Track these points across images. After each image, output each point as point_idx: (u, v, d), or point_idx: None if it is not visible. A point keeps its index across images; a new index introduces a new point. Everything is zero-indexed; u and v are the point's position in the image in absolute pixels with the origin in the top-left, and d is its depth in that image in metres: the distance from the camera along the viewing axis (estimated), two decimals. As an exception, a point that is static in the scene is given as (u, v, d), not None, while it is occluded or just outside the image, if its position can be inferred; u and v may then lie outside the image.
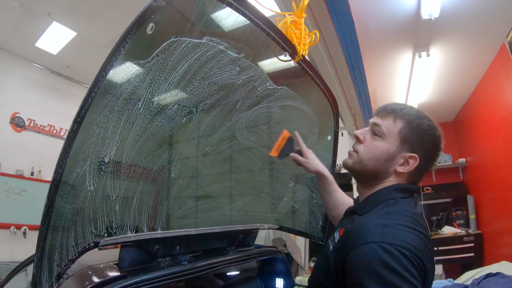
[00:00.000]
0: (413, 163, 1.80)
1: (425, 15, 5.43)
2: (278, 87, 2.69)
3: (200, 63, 2.01)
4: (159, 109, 1.89)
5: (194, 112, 2.12)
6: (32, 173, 9.55)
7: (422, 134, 1.80)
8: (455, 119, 10.74)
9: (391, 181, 1.86)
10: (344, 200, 2.49)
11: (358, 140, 1.97)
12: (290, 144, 2.53)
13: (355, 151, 1.96)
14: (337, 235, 1.82)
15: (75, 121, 1.44)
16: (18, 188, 9.01)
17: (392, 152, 1.82)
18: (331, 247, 1.79)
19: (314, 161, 2.53)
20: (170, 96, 1.95)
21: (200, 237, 2.46)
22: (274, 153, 2.48)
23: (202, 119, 2.20)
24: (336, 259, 1.64)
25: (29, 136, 9.68)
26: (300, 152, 2.55)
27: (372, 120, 1.95)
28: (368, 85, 6.52)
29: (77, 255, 1.61)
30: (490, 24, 5.98)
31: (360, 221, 1.73)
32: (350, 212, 1.99)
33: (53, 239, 1.50)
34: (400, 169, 1.82)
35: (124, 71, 1.62)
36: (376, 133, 1.89)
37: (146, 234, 1.97)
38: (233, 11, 2.05)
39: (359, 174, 1.95)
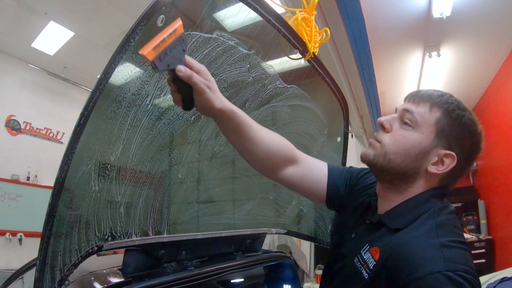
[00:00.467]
0: (450, 163, 1.51)
1: (436, 14, 5.43)
2: (288, 86, 2.67)
3: (210, 59, 2.00)
4: (167, 106, 1.88)
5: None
6: (28, 178, 9.54)
7: (463, 128, 1.52)
8: (476, 107, 10.72)
9: (421, 184, 1.57)
10: (276, 142, 1.86)
11: (383, 128, 1.63)
12: (179, 47, 1.41)
13: (379, 140, 1.62)
14: (368, 257, 1.51)
15: (82, 115, 1.42)
16: (14, 193, 8.99)
17: (426, 146, 1.52)
18: (364, 273, 1.49)
19: (218, 92, 1.54)
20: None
21: (207, 242, 2.43)
22: (149, 51, 1.28)
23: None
24: (376, 284, 1.41)
25: (25, 140, 9.67)
26: (191, 68, 1.44)
27: (402, 106, 1.63)
28: (377, 85, 6.52)
29: (80, 259, 1.59)
30: (502, 24, 5.97)
31: (406, 239, 1.43)
32: (377, 223, 1.61)
33: (55, 242, 1.47)
34: (433, 169, 1.52)
35: (133, 66, 1.61)
36: (406, 121, 1.57)
37: (151, 238, 1.95)
38: (244, 6, 2.03)
39: (383, 170, 1.60)
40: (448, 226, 1.43)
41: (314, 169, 1.96)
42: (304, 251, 9.64)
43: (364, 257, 1.52)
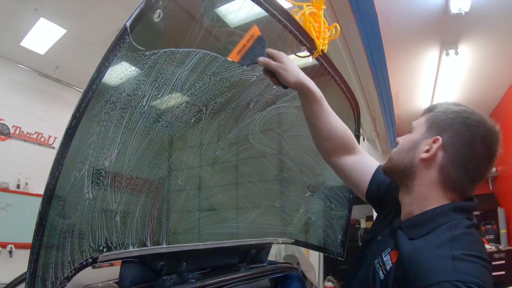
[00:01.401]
0: (436, 147, 1.66)
1: (454, 9, 5.40)
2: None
3: (211, 56, 2.00)
4: (165, 107, 1.88)
5: (204, 111, 2.10)
6: (18, 186, 9.47)
7: (451, 116, 1.69)
8: (492, 114, 10.69)
9: (422, 175, 1.72)
10: (340, 129, 2.21)
11: (397, 144, 1.91)
12: (259, 46, 2.03)
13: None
14: (387, 259, 1.66)
15: (74, 116, 1.42)
16: (3, 202, 8.95)
17: (416, 139, 1.76)
18: (381, 274, 1.66)
19: (293, 68, 2.03)
20: (177, 93, 1.93)
21: (209, 252, 2.41)
22: (234, 56, 1.96)
23: (212, 119, 2.18)
24: None
25: (15, 145, 9.60)
26: (272, 57, 2.04)
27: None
28: (390, 85, 6.50)
29: (73, 272, 1.59)
30: (524, 19, 5.95)
31: (419, 248, 1.55)
32: (397, 227, 1.75)
33: (47, 254, 1.47)
34: (424, 155, 1.69)
35: (128, 64, 1.61)
36: (409, 131, 1.85)
37: (149, 249, 1.95)
38: (248, 0, 2.03)
39: (391, 172, 1.88)
40: (465, 241, 1.51)
41: (365, 164, 2.23)
42: (312, 262, 9.63)
43: (384, 259, 1.67)
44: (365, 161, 2.24)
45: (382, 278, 1.63)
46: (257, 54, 2.01)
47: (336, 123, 2.17)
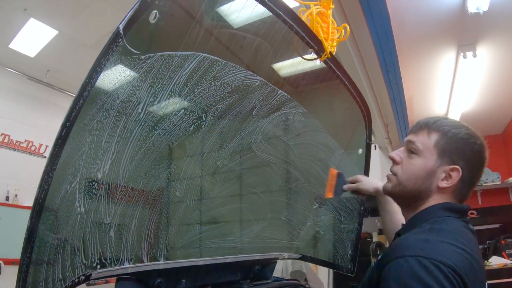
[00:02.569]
0: (456, 176, 1.86)
1: (472, 8, 5.41)
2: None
3: (212, 60, 2.00)
4: (162, 115, 1.88)
5: (204, 119, 2.10)
6: (7, 198, 9.43)
7: (461, 143, 1.87)
8: (505, 132, 10.70)
9: (435, 199, 1.91)
10: (399, 220, 2.48)
11: (394, 162, 2.08)
12: (341, 179, 2.84)
13: (394, 173, 2.07)
14: (379, 257, 1.87)
15: (63, 125, 1.42)
16: (-9, 215, 8.91)
17: (431, 167, 1.90)
18: (372, 266, 1.89)
19: (367, 180, 2.75)
20: (175, 99, 1.93)
21: (210, 269, 2.41)
22: (329, 194, 2.83)
23: (213, 127, 2.18)
24: (373, 276, 1.76)
25: (3, 154, 9.56)
26: (352, 182, 2.81)
27: (406, 138, 2.05)
28: (403, 90, 6.50)
29: (64, 291, 1.58)
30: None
31: (401, 238, 1.81)
32: (397, 234, 2.06)
33: (36, 272, 1.47)
34: (443, 184, 1.88)
35: (122, 68, 1.61)
36: (412, 151, 1.98)
37: (146, 265, 1.94)
38: (250, -1, 2.04)
39: (400, 196, 2.05)
40: (445, 232, 1.73)
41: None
42: (321, 278, 9.61)
43: (379, 258, 1.87)
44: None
45: (372, 266, 1.87)
46: (342, 183, 2.82)
47: (401, 220, 2.33)
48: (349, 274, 3.35)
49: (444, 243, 1.61)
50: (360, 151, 3.42)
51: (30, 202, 8.40)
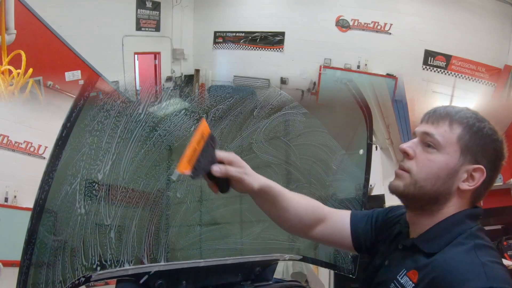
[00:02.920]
0: (480, 177, 1.57)
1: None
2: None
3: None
4: (163, 115, 1.88)
5: (204, 119, 2.10)
6: (6, 199, 9.44)
7: (485, 140, 1.61)
8: (507, 133, 10.67)
9: (454, 203, 1.64)
10: (306, 206, 2.00)
11: (407, 155, 1.68)
12: (209, 148, 1.56)
13: (406, 170, 1.67)
14: (406, 281, 1.60)
15: (64, 126, 1.42)
16: (-10, 217, 8.91)
17: (454, 166, 1.59)
18: None
19: (253, 173, 1.74)
20: (176, 99, 1.93)
21: (210, 270, 2.41)
22: (185, 166, 1.42)
23: (214, 127, 2.18)
24: None
25: (2, 156, 9.54)
26: (224, 161, 1.62)
27: (420, 129, 1.69)
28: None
29: (64, 292, 1.59)
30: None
31: (445, 260, 1.52)
32: (410, 247, 1.70)
33: (36, 273, 1.47)
34: (465, 186, 1.59)
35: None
36: (429, 144, 1.63)
37: (146, 267, 1.95)
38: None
39: (415, 199, 1.66)
40: (487, 248, 1.53)
41: (339, 222, 2.08)
42: (322, 280, 9.62)
43: (401, 281, 1.62)
44: (338, 220, 2.11)
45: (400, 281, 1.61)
46: (208, 159, 1.55)
47: (300, 203, 1.97)
48: (350, 275, 3.35)
49: (497, 265, 1.46)
50: (361, 151, 3.41)
51: (29, 204, 8.40)
